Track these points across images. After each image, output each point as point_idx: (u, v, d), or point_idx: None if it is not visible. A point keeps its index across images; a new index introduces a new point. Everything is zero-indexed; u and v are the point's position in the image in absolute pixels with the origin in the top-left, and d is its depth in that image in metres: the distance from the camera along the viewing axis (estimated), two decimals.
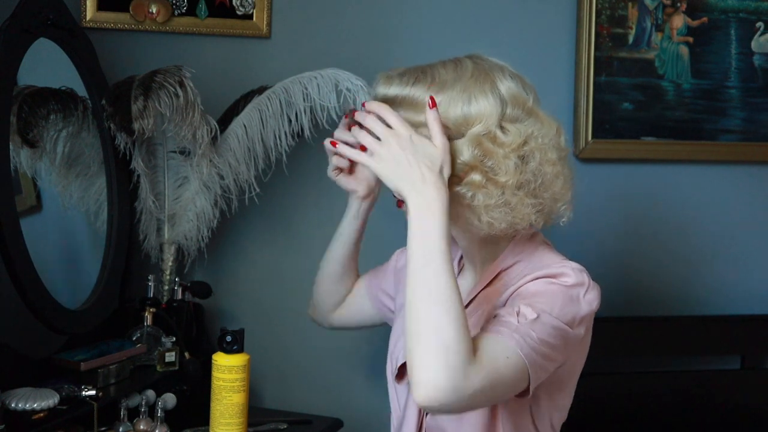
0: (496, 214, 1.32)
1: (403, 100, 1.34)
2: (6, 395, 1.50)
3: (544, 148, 1.33)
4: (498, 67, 1.38)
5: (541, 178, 1.33)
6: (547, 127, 1.36)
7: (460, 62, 1.38)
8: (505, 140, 1.31)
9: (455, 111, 1.32)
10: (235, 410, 1.46)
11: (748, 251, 2.45)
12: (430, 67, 1.37)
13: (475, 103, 1.32)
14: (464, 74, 1.35)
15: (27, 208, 1.77)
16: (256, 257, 2.21)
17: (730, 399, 2.35)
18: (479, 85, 1.34)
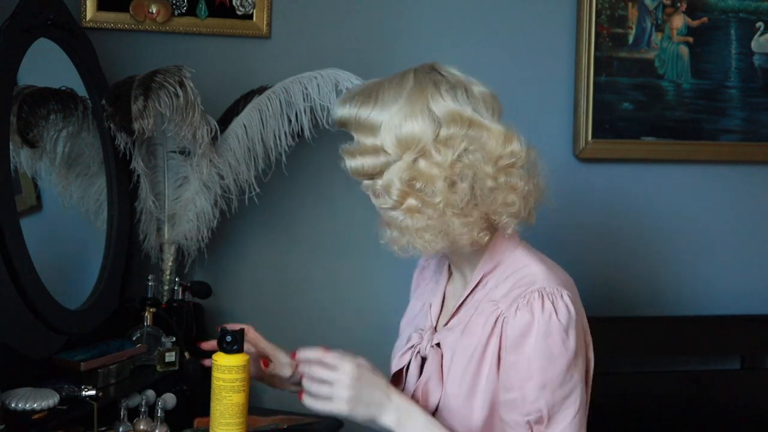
0: (428, 236, 1.35)
1: (353, 123, 1.38)
2: (6, 395, 1.50)
3: (477, 164, 1.34)
4: (434, 82, 1.37)
5: (473, 196, 1.34)
6: (489, 137, 1.35)
7: (402, 79, 1.39)
8: (438, 160, 1.33)
9: (390, 136, 1.34)
10: (236, 410, 1.46)
11: (748, 251, 2.45)
12: (378, 86, 1.39)
13: (407, 125, 1.34)
14: (401, 95, 1.36)
15: (27, 208, 1.77)
16: (256, 257, 2.21)
17: (730, 399, 2.35)
18: (411, 106, 1.35)
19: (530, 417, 1.31)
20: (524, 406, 1.31)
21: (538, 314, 1.32)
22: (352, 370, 1.35)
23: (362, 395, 1.34)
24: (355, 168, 1.38)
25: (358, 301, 2.25)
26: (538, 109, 2.32)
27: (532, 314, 1.32)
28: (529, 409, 1.31)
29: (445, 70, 1.40)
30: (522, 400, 1.31)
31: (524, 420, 1.31)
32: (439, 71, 1.39)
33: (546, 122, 2.32)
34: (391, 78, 1.40)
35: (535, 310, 1.32)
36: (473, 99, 1.37)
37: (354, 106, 1.38)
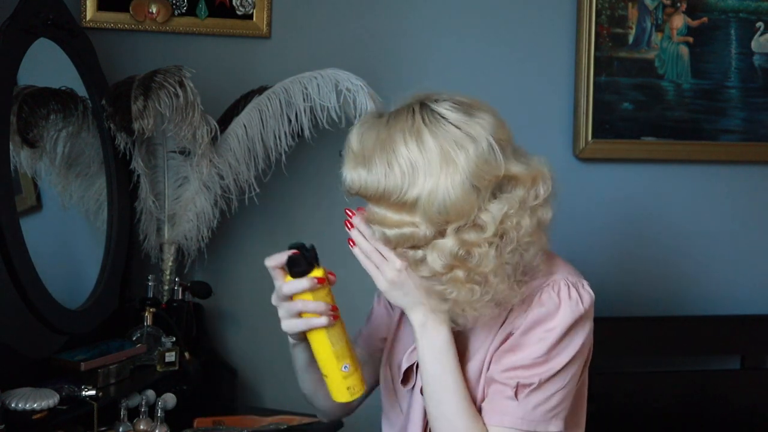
0: (479, 305, 1.28)
1: (378, 196, 1.27)
2: (6, 395, 1.50)
3: (519, 220, 1.27)
4: (459, 145, 1.24)
5: (519, 258, 1.28)
6: (519, 186, 1.28)
7: (422, 140, 1.24)
8: (485, 229, 1.25)
9: (430, 211, 1.24)
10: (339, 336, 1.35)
11: (748, 251, 2.45)
12: (391, 148, 1.25)
13: (449, 199, 1.23)
14: (431, 165, 1.24)
15: (27, 208, 1.77)
16: (256, 257, 2.20)
17: (730, 399, 2.35)
18: (450, 177, 1.23)
19: (522, 381, 1.31)
20: (520, 372, 1.31)
21: (566, 299, 1.32)
22: (403, 265, 1.31)
23: (404, 285, 1.32)
24: (396, 238, 1.29)
25: (358, 301, 2.24)
26: (538, 109, 2.32)
27: (560, 299, 1.33)
28: (522, 375, 1.31)
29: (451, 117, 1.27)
30: (519, 367, 1.32)
31: (514, 381, 1.31)
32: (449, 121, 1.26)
33: (546, 122, 2.32)
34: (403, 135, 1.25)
35: (562, 296, 1.33)
36: (496, 148, 1.26)
37: (375, 176, 1.25)
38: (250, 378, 2.20)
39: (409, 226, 1.26)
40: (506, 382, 1.32)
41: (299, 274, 1.34)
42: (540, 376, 1.31)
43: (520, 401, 1.30)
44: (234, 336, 2.21)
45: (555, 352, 1.32)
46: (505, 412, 1.31)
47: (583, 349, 1.35)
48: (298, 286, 1.35)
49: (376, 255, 1.34)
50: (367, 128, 1.29)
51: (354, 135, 1.30)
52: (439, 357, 1.33)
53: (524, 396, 1.30)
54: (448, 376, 1.33)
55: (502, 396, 1.32)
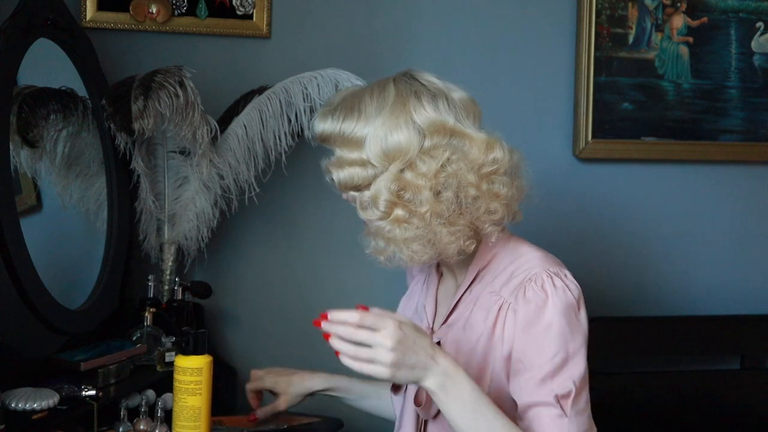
0: (415, 246, 1.35)
1: (337, 138, 1.38)
2: (6, 395, 1.50)
3: (460, 172, 1.34)
4: (416, 93, 1.37)
5: (458, 204, 1.34)
6: (471, 146, 1.35)
7: (384, 89, 1.38)
8: (423, 170, 1.33)
9: (376, 148, 1.34)
10: (191, 413, 1.43)
11: (748, 251, 2.45)
12: (359, 98, 1.38)
13: (392, 138, 1.34)
14: (384, 106, 1.36)
15: (27, 208, 1.77)
16: (256, 257, 2.21)
17: (730, 399, 2.35)
18: (395, 118, 1.35)
19: (559, 392, 1.30)
20: (552, 383, 1.30)
21: (551, 291, 1.33)
22: (395, 332, 1.24)
23: (406, 358, 1.24)
24: (344, 180, 1.38)
25: (358, 301, 2.24)
26: (538, 109, 2.32)
27: (546, 292, 1.34)
28: (556, 386, 1.30)
29: (424, 78, 1.40)
30: (546, 377, 1.31)
31: (552, 396, 1.30)
32: (418, 80, 1.40)
33: (546, 122, 2.32)
34: (371, 89, 1.40)
35: (547, 288, 1.34)
36: (454, 107, 1.38)
37: (336, 121, 1.38)
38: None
39: (358, 165, 1.36)
40: (546, 401, 1.30)
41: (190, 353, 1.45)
42: (572, 378, 1.31)
43: (570, 417, 1.29)
44: (234, 336, 2.21)
45: (568, 341, 1.32)
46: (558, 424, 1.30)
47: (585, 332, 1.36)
48: None
49: (364, 351, 1.26)
50: (349, 90, 1.44)
51: (337, 92, 1.46)
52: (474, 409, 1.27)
53: (570, 408, 1.29)
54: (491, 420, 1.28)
55: (551, 417, 1.30)
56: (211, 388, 1.46)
